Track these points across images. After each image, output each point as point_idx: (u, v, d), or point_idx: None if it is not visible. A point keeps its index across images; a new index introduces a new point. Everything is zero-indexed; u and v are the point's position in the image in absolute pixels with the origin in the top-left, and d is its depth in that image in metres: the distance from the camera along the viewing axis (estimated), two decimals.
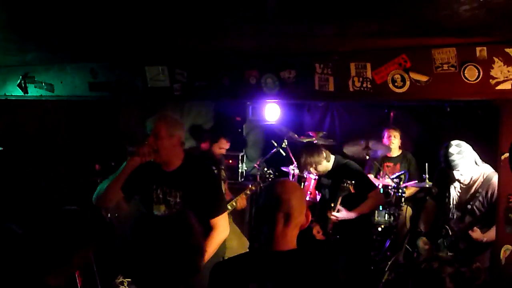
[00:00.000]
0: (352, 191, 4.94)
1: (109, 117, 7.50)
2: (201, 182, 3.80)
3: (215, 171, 5.61)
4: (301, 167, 5.35)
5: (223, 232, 3.84)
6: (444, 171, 4.53)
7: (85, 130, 7.12)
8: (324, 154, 5.12)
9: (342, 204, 5.03)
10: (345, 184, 4.91)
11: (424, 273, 2.46)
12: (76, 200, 5.81)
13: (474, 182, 4.39)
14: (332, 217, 4.98)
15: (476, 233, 4.27)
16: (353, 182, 4.92)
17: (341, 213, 4.98)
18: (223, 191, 4.07)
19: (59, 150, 6.78)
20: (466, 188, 4.44)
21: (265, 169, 6.67)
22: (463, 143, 4.32)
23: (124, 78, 5.02)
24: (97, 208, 3.94)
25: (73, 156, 6.93)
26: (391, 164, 7.07)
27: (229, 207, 5.62)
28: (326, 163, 5.16)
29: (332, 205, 5.02)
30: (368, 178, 5.49)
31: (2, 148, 4.56)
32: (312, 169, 5.19)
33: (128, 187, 3.81)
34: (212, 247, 3.76)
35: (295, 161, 5.52)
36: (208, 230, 3.83)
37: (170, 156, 3.77)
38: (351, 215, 4.98)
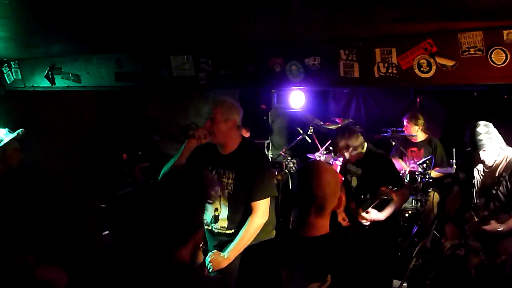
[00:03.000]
0: (395, 198, 4.87)
1: (136, 107, 7.56)
2: (251, 164, 3.92)
3: None
4: (337, 150, 5.31)
5: (261, 217, 3.90)
6: (468, 155, 4.49)
7: (112, 120, 7.19)
8: (362, 139, 5.10)
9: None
10: (386, 190, 4.85)
11: (450, 260, 2.45)
12: (103, 189, 5.91)
13: (498, 166, 4.34)
14: (362, 221, 4.94)
15: (490, 226, 4.23)
16: (395, 188, 4.86)
17: (370, 215, 4.93)
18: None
19: (87, 140, 6.87)
20: (489, 172, 4.40)
21: (289, 158, 6.66)
22: (490, 124, 4.28)
23: (149, 67, 5.06)
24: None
25: (100, 146, 7.01)
26: (415, 149, 7.01)
27: None
28: (361, 150, 5.14)
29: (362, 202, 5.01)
30: (398, 174, 5.43)
31: (23, 130, 4.63)
32: (347, 154, 5.15)
33: None
34: (249, 233, 3.83)
35: (332, 143, 5.51)
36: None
37: (226, 139, 3.94)
38: (380, 216, 4.93)
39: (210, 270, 3.81)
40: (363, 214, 4.87)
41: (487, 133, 4.20)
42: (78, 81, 5.61)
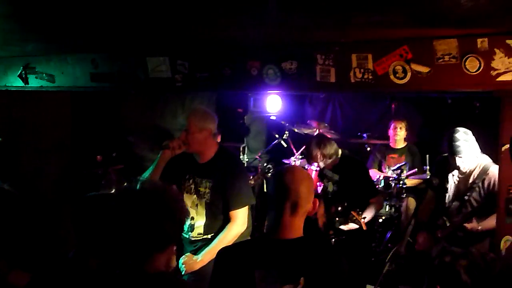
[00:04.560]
0: (364, 228, 4.93)
1: (111, 108, 7.50)
2: (228, 173, 3.93)
3: None
4: (310, 159, 5.35)
5: (240, 226, 3.90)
6: (444, 160, 4.54)
7: (86, 121, 7.12)
8: (335, 147, 5.13)
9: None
10: (355, 218, 4.90)
11: (438, 268, 2.46)
12: (77, 191, 5.85)
13: (471, 172, 4.41)
14: (344, 228, 5.00)
15: (471, 224, 4.29)
16: (364, 217, 4.92)
17: (347, 226, 4.99)
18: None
19: (60, 141, 6.78)
20: (463, 178, 4.46)
21: (265, 164, 6.65)
22: (469, 132, 4.33)
23: (125, 69, 5.02)
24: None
25: (74, 147, 6.94)
26: (395, 156, 7.07)
27: None
28: (335, 157, 5.16)
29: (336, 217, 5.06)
30: (372, 182, 5.48)
31: (1, 139, 4.58)
32: (321, 162, 5.18)
33: (166, 178, 3.95)
34: (226, 239, 3.83)
35: (305, 152, 5.55)
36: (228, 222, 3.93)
37: (201, 149, 3.97)
38: (356, 226, 4.99)
39: (182, 272, 3.80)
40: (342, 227, 4.95)
41: (466, 140, 4.26)
42: (52, 81, 5.54)
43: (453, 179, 4.54)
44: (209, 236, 3.96)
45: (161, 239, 2.15)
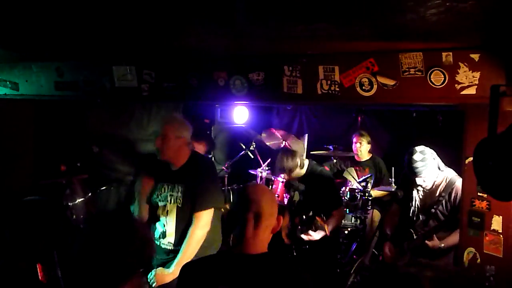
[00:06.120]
0: (328, 233, 4.93)
1: (76, 117, 7.38)
2: (198, 177, 3.95)
3: None
4: (275, 171, 5.35)
5: (202, 228, 3.88)
6: (407, 176, 4.57)
7: (50, 130, 6.99)
8: (299, 161, 5.12)
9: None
10: (319, 223, 4.91)
11: (403, 278, 2.48)
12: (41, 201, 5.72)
13: (437, 186, 4.45)
14: (304, 237, 4.99)
15: (432, 242, 4.33)
16: (328, 225, 4.93)
17: (310, 236, 4.98)
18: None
19: (24, 150, 6.66)
20: (429, 192, 4.49)
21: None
22: (426, 149, 4.37)
23: (91, 77, 4.96)
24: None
25: (37, 156, 6.81)
26: (359, 168, 7.11)
27: None
28: (300, 170, 5.16)
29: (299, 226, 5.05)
30: (337, 193, 5.50)
31: None
32: (285, 175, 5.19)
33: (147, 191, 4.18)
34: (191, 246, 3.81)
35: (270, 164, 5.54)
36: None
37: (175, 156, 4.01)
38: (321, 235, 4.99)
39: (153, 285, 3.76)
40: (303, 236, 4.94)
41: (422, 161, 4.30)
42: (16, 89, 5.45)
43: (418, 194, 4.58)
44: (179, 247, 3.94)
45: (122, 270, 2.16)
